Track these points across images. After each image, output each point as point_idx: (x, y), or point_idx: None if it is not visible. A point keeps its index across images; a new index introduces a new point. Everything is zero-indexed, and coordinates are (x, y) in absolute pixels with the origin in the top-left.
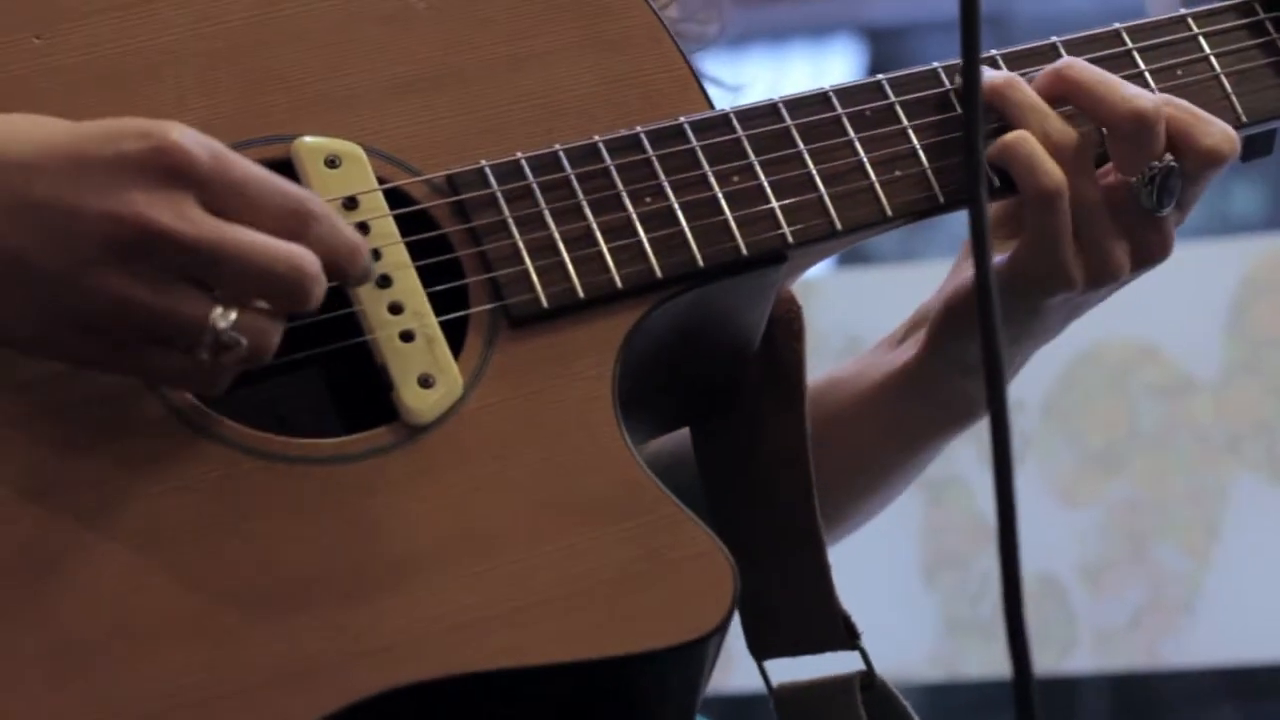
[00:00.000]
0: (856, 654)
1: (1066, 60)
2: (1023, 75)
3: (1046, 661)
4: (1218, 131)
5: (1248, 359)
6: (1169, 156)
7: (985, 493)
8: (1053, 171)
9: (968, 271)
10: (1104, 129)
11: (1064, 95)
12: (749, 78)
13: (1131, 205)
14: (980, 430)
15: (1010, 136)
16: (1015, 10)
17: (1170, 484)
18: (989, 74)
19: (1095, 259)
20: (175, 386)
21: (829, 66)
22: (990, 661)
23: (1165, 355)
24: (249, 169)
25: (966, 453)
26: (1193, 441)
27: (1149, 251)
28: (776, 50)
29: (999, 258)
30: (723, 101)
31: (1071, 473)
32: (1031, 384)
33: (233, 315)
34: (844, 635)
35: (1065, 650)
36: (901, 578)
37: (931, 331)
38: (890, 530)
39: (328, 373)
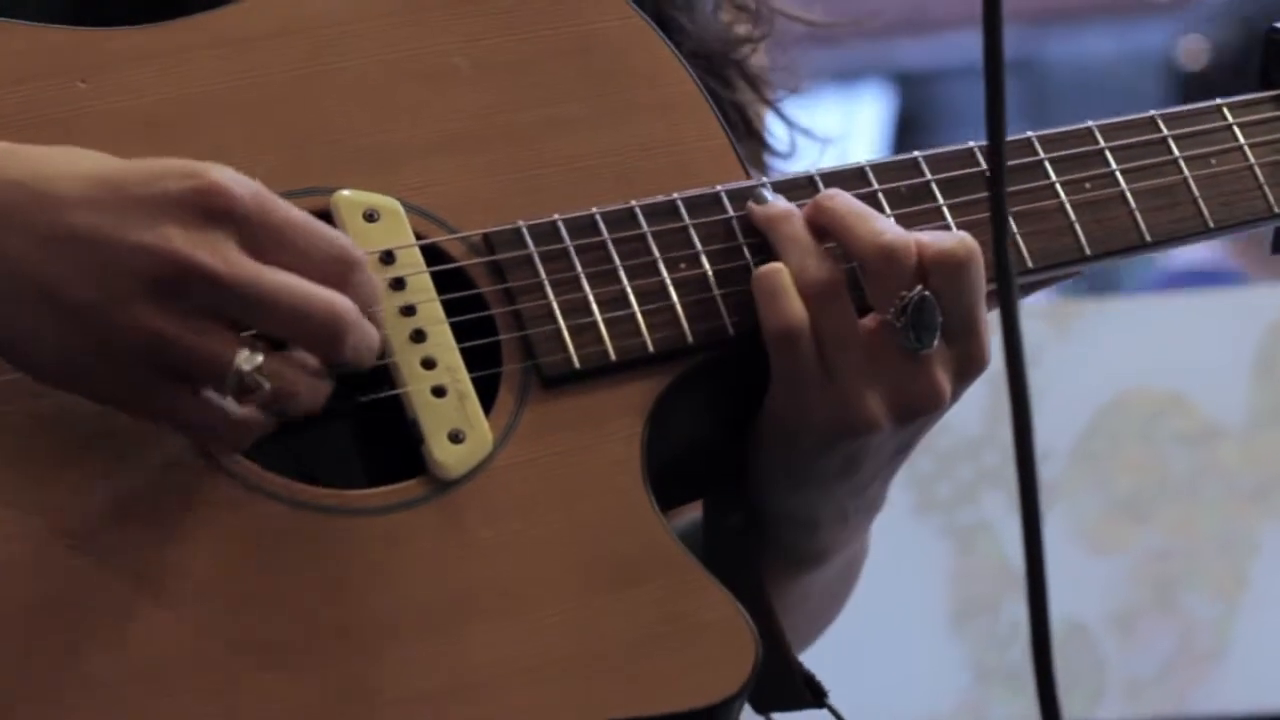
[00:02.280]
0: (828, 713)
1: (828, 191)
2: (1057, 152)
3: (1075, 710)
4: (949, 237)
5: (1275, 406)
6: (920, 288)
7: (1014, 540)
8: (789, 309)
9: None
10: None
11: (823, 227)
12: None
13: (893, 347)
14: (1009, 477)
15: (760, 269)
16: (1045, 54)
17: (1199, 532)
18: (771, 202)
19: (843, 403)
20: (197, 433)
21: (859, 112)
22: (1019, 709)
23: (1192, 403)
24: (292, 213)
25: (995, 500)
26: (1221, 489)
27: (912, 398)
28: (806, 95)
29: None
30: (810, 151)
31: (1099, 521)
32: (1059, 432)
33: (259, 358)
34: (808, 695)
35: (1094, 699)
36: (929, 625)
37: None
38: (918, 577)
39: (360, 425)
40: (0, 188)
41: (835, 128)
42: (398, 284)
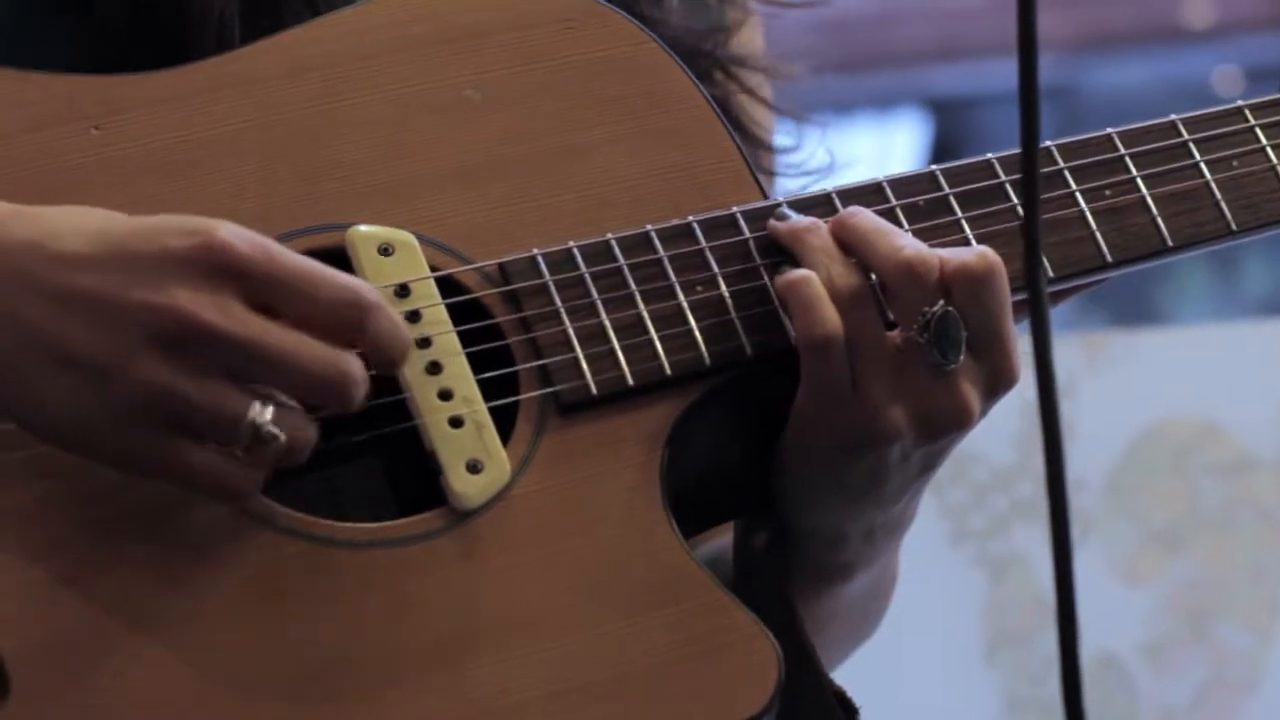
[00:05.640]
0: None
1: (850, 209)
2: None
3: None
4: (969, 252)
5: None
6: (942, 303)
7: (1047, 571)
8: (827, 318)
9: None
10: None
11: (845, 244)
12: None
13: (919, 362)
14: (1042, 509)
15: (793, 275)
16: (1081, 82)
17: (1232, 563)
18: (795, 219)
19: (868, 414)
20: (207, 488)
21: (893, 138)
22: None
23: (1226, 434)
24: (300, 263)
25: (1028, 531)
26: (1255, 520)
27: (937, 413)
28: (841, 122)
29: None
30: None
31: (1133, 552)
32: (1093, 463)
33: (270, 411)
34: (840, 713)
35: None
36: (963, 657)
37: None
38: (951, 609)
39: (382, 456)
40: (9, 251)
41: (870, 154)
42: (413, 317)
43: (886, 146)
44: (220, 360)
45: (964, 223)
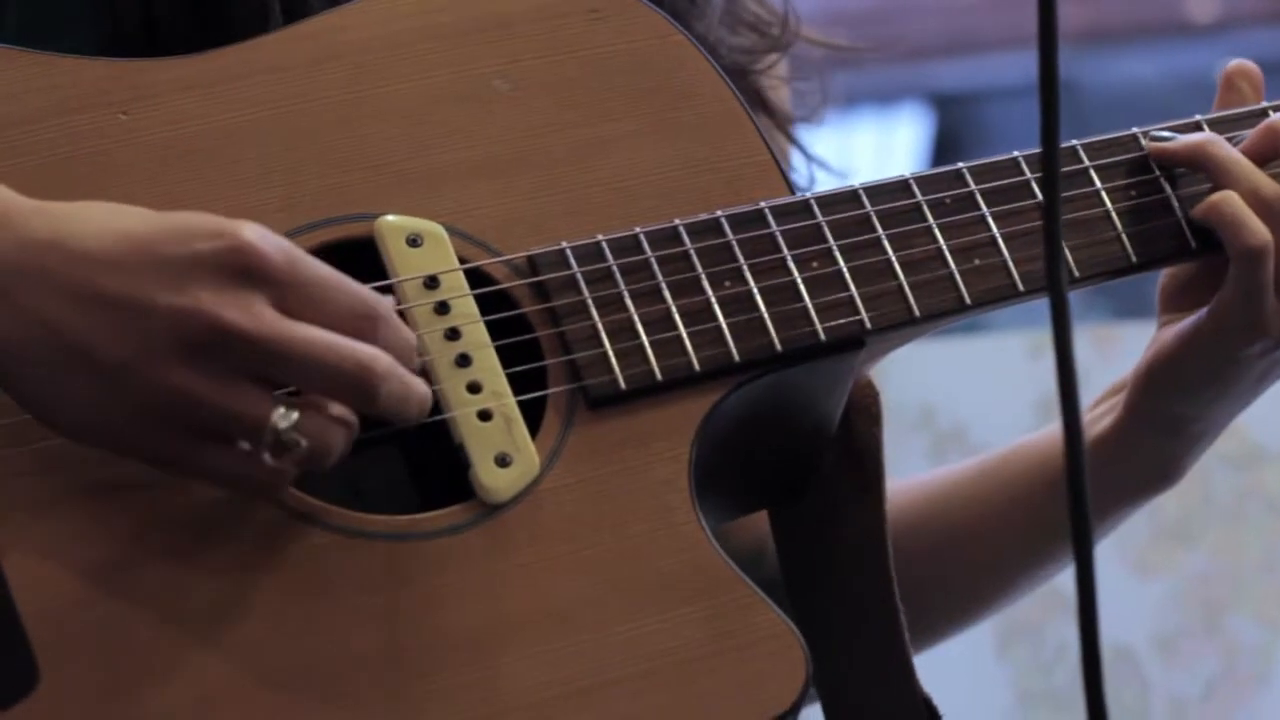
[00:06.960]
0: None
1: (1278, 116)
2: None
3: None
4: None
5: None
6: None
7: None
8: (1259, 229)
9: (1167, 335)
10: None
11: (1277, 151)
12: (818, 145)
13: None
14: None
15: (1216, 196)
16: (1083, 78)
17: (1244, 555)
18: (1188, 135)
19: None
20: (233, 488)
21: (896, 133)
22: None
23: (1239, 426)
24: (320, 270)
25: None
26: (1266, 512)
27: None
28: (844, 117)
29: (1197, 314)
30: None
31: (1145, 544)
32: None
33: (294, 415)
34: (924, 716)
35: None
36: (973, 648)
37: (1134, 395)
38: None
39: (407, 449)
40: (31, 249)
41: (872, 148)
42: (441, 308)
43: (889, 141)
44: (244, 363)
45: (990, 220)
